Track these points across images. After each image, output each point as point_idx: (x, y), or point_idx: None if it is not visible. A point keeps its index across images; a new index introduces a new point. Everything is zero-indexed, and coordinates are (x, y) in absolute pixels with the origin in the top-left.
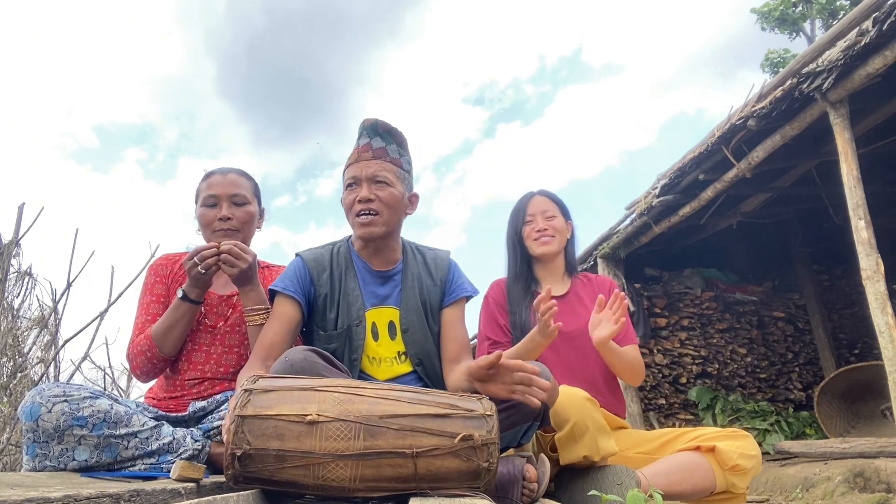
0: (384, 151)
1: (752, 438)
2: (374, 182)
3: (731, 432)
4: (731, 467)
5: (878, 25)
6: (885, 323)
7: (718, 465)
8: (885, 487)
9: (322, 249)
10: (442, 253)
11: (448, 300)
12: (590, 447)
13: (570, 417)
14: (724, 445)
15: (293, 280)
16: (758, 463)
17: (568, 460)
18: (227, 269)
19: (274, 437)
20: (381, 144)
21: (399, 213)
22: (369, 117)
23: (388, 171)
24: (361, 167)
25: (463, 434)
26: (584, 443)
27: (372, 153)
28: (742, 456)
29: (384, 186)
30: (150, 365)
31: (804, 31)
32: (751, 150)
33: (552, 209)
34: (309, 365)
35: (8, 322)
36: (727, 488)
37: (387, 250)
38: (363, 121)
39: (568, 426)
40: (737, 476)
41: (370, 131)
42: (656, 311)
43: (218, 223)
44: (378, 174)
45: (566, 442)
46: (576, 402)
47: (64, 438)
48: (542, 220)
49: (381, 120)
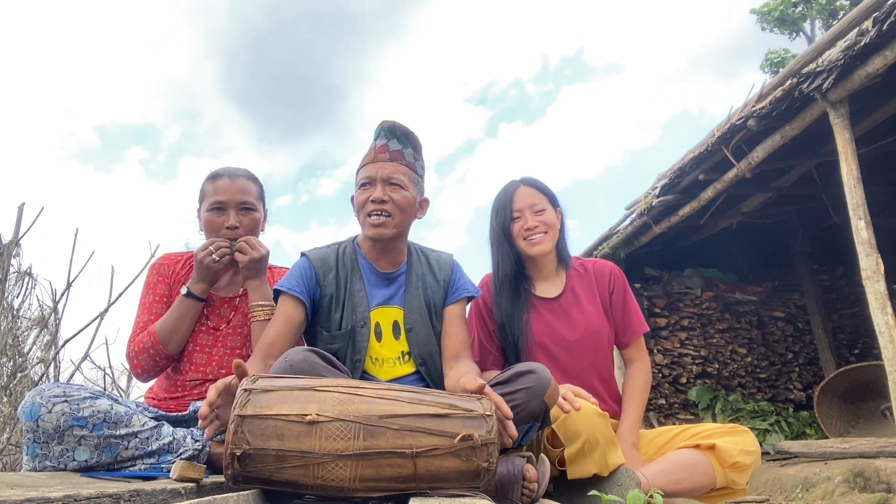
0: (400, 154)
1: (751, 434)
2: (388, 184)
3: (729, 428)
4: (731, 464)
5: (878, 25)
6: (885, 323)
7: (718, 462)
8: (885, 487)
9: (328, 249)
10: (445, 255)
11: (450, 299)
12: (600, 464)
13: (582, 434)
14: (723, 443)
15: (299, 280)
16: (757, 458)
17: (577, 475)
18: (240, 256)
19: (273, 436)
20: (398, 147)
21: (410, 217)
22: (387, 119)
23: (403, 174)
24: (377, 168)
25: (462, 434)
26: (595, 459)
27: (389, 155)
28: (742, 453)
29: (398, 189)
30: (153, 363)
31: (804, 31)
32: (751, 150)
33: (540, 201)
34: (308, 365)
35: (8, 322)
36: (727, 484)
37: (394, 252)
38: (381, 122)
39: (578, 442)
40: (737, 472)
41: (388, 133)
42: (656, 311)
43: (225, 231)
44: (393, 176)
45: (576, 458)
46: (587, 418)
47: (64, 439)
48: (531, 215)
49: (400, 123)
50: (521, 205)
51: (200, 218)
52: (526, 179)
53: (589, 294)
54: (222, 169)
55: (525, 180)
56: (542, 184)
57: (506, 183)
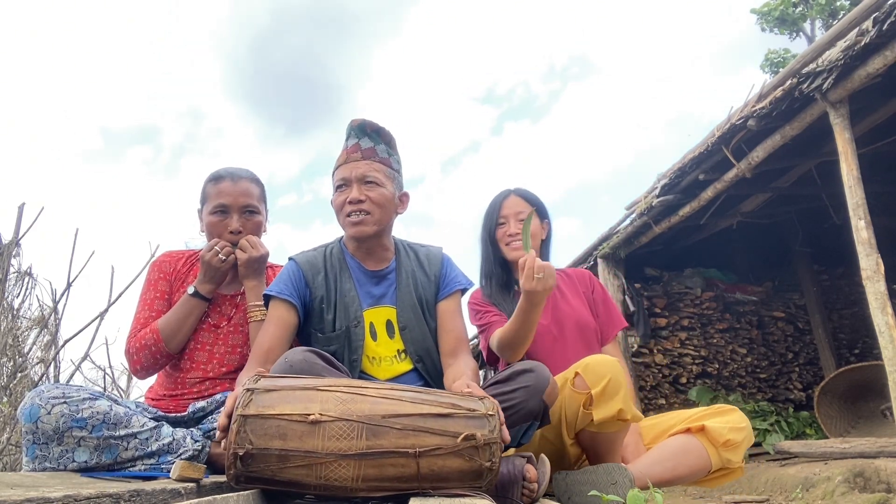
0: (373, 151)
1: (739, 411)
2: (363, 183)
3: (717, 409)
4: (723, 443)
5: (878, 25)
6: (885, 323)
7: (710, 443)
8: (885, 487)
9: (315, 252)
10: (434, 249)
11: (442, 294)
12: (625, 401)
13: (606, 375)
14: (713, 423)
15: (288, 284)
16: (749, 434)
17: (602, 416)
18: (239, 253)
19: (276, 436)
20: (370, 144)
21: (390, 213)
22: (356, 118)
23: (378, 171)
24: (350, 168)
25: (465, 434)
26: (620, 397)
27: (361, 153)
28: (732, 430)
29: (374, 186)
30: (153, 360)
31: (804, 31)
32: (751, 150)
33: (527, 211)
34: (308, 366)
35: (8, 322)
36: (723, 465)
37: (379, 250)
38: (351, 121)
39: (604, 382)
40: (730, 451)
41: (358, 132)
42: (656, 311)
43: (229, 236)
44: (367, 174)
45: (601, 397)
46: (609, 363)
47: (63, 440)
48: (515, 223)
49: (369, 120)
50: (508, 212)
51: (202, 219)
52: (517, 190)
53: (574, 293)
54: (224, 170)
55: (517, 190)
56: (533, 195)
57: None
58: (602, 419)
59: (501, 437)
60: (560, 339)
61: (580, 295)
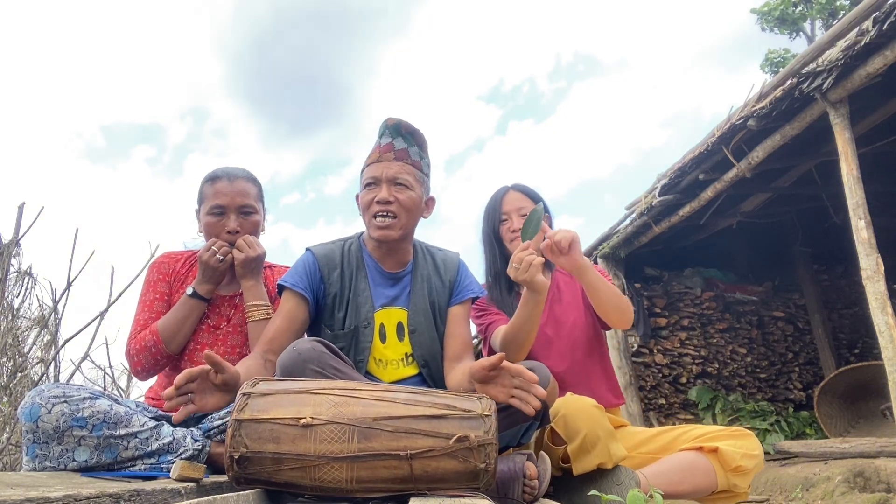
0: (406, 153)
1: (754, 437)
2: (394, 184)
3: (733, 431)
4: (734, 468)
5: (878, 25)
6: (885, 323)
7: (721, 465)
8: (885, 487)
9: (333, 245)
10: (451, 254)
11: (455, 300)
12: (602, 455)
13: (581, 429)
14: (726, 446)
15: (303, 276)
16: (760, 462)
17: (582, 470)
18: (236, 253)
19: (270, 440)
20: (404, 146)
21: (416, 217)
22: (392, 117)
23: (409, 173)
24: (382, 168)
25: (458, 435)
26: (598, 452)
27: (394, 154)
28: (745, 457)
29: (404, 189)
30: (153, 361)
31: (804, 31)
32: (751, 150)
33: (527, 205)
34: (317, 354)
35: (8, 322)
36: (729, 488)
37: (400, 252)
38: (386, 119)
39: (579, 437)
40: (739, 476)
41: (393, 131)
42: (656, 311)
43: (226, 236)
44: (399, 176)
45: (579, 453)
46: (585, 412)
47: (64, 439)
48: (517, 218)
49: (405, 120)
50: (509, 208)
51: (200, 220)
52: (516, 185)
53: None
54: (220, 170)
55: (515, 186)
56: (531, 190)
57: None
58: (582, 472)
59: (536, 396)
60: (555, 340)
61: (579, 293)
